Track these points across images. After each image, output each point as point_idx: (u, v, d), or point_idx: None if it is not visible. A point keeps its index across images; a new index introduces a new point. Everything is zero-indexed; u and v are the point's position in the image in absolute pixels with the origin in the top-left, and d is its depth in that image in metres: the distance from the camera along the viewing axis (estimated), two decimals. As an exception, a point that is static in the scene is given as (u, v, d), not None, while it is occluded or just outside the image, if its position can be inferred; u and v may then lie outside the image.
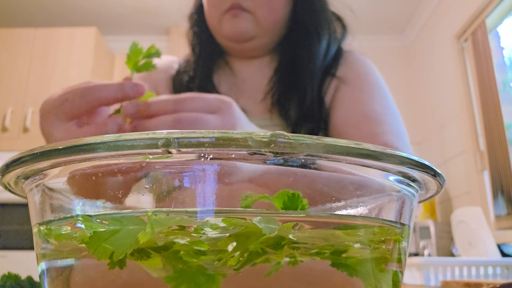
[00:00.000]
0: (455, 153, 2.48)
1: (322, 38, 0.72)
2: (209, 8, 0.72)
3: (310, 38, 0.71)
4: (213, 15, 0.71)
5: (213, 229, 0.19)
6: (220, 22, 0.70)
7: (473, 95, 2.36)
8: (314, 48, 0.71)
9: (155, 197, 0.21)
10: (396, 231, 0.23)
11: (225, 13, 0.69)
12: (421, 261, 1.43)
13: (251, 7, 0.68)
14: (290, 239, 0.20)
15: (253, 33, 0.70)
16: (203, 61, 0.75)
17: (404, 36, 3.17)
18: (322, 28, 0.72)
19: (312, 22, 0.72)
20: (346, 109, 0.68)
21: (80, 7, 3.01)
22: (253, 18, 0.69)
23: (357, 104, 0.68)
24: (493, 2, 2.13)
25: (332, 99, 0.70)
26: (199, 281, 0.19)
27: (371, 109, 0.67)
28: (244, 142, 0.19)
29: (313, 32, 0.72)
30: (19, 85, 2.75)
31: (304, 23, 0.72)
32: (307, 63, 0.70)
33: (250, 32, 0.69)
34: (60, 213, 0.23)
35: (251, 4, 0.68)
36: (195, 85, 0.72)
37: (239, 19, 0.68)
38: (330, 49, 0.73)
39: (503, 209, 2.05)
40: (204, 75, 0.74)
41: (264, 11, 0.69)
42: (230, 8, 0.68)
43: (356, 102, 0.68)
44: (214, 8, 0.70)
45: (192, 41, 0.79)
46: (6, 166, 0.22)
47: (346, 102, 0.69)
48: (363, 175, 0.22)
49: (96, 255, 0.19)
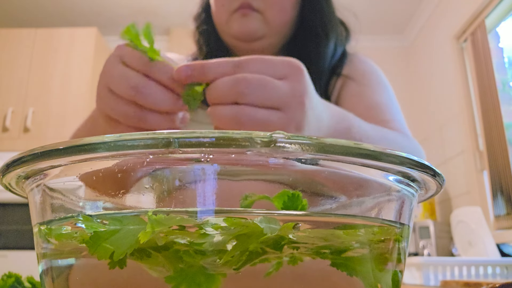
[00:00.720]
0: (454, 153, 2.48)
1: (330, 39, 0.72)
2: (217, 7, 0.72)
3: (318, 39, 0.72)
4: (222, 14, 0.71)
5: (214, 229, 0.19)
6: (229, 21, 0.70)
7: (473, 95, 2.36)
8: (322, 49, 0.71)
9: (155, 197, 0.21)
10: (395, 231, 0.23)
11: (234, 12, 0.69)
12: (421, 261, 1.43)
13: (261, 7, 0.68)
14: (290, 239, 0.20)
15: (262, 33, 0.70)
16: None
17: (404, 36, 3.17)
18: (330, 30, 0.73)
19: (321, 24, 0.73)
20: (352, 102, 0.69)
21: (80, 8, 3.01)
22: (263, 18, 0.69)
23: (363, 97, 0.69)
24: (493, 2, 2.13)
25: (338, 97, 0.71)
26: (199, 281, 0.19)
27: (376, 101, 0.69)
28: (244, 142, 0.19)
29: (321, 33, 0.72)
30: (19, 85, 2.75)
31: (313, 24, 0.73)
32: (315, 64, 0.70)
33: (259, 31, 0.69)
34: (60, 213, 0.23)
35: (261, 4, 0.68)
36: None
37: (248, 19, 0.68)
38: (336, 50, 0.74)
39: (502, 209, 2.05)
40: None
41: (274, 11, 0.69)
42: (239, 7, 0.68)
43: (361, 96, 0.70)
44: (223, 7, 0.70)
45: (198, 41, 0.79)
46: (6, 166, 0.22)
47: (352, 96, 0.70)
48: (363, 175, 0.22)
49: (96, 255, 0.19)
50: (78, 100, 2.71)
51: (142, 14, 3.03)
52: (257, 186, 0.23)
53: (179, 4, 2.87)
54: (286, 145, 0.19)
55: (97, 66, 2.85)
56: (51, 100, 2.71)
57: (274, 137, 0.19)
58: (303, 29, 0.74)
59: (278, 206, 0.23)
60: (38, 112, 2.69)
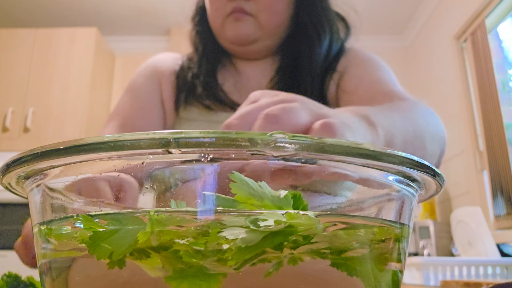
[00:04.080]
0: (454, 153, 2.48)
1: (322, 39, 0.72)
2: (211, 11, 0.72)
3: (311, 40, 0.72)
4: (216, 18, 0.71)
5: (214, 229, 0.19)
6: (223, 25, 0.70)
7: (473, 95, 2.36)
8: (314, 50, 0.71)
9: (155, 197, 0.21)
10: (395, 231, 0.23)
11: (228, 16, 0.69)
12: (421, 261, 1.43)
13: (254, 11, 0.68)
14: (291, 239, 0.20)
15: (256, 36, 0.70)
16: (207, 60, 0.76)
17: (403, 36, 3.17)
18: (323, 30, 0.73)
19: (313, 24, 0.73)
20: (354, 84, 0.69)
21: (80, 8, 3.01)
22: (256, 22, 0.69)
23: (364, 77, 0.70)
24: (493, 2, 2.13)
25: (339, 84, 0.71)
26: (199, 281, 0.19)
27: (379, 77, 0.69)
28: (244, 142, 0.19)
29: (313, 34, 0.72)
30: (19, 85, 2.75)
31: (305, 25, 0.73)
32: (308, 64, 0.70)
33: (253, 35, 0.70)
34: (60, 213, 0.23)
35: (253, 7, 0.68)
36: (199, 82, 0.72)
37: (241, 23, 0.68)
38: (331, 49, 0.74)
39: (502, 209, 2.05)
40: (208, 73, 0.74)
41: (267, 15, 0.69)
42: (232, 12, 0.68)
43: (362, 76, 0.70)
44: (216, 11, 0.70)
45: (195, 42, 0.79)
46: (6, 166, 0.22)
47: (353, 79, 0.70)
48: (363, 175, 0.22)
49: (95, 255, 0.19)
50: (78, 100, 2.71)
51: (142, 14, 3.03)
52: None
53: (179, 4, 2.86)
54: (286, 145, 0.19)
55: (97, 66, 2.85)
56: (51, 100, 2.71)
57: (274, 137, 0.19)
58: (297, 30, 0.74)
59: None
60: (38, 112, 2.69)
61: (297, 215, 0.19)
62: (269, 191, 0.22)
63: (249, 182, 0.21)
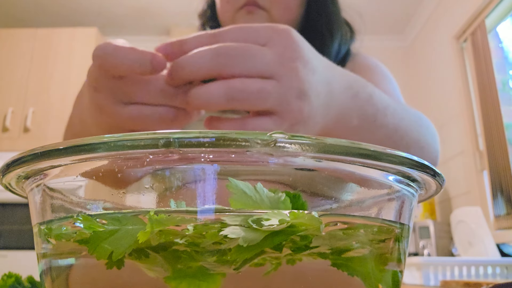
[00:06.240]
0: (454, 153, 2.48)
1: (335, 38, 0.72)
2: (222, 4, 0.71)
3: (323, 39, 0.72)
4: (227, 11, 0.70)
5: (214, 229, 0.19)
6: (234, 19, 0.69)
7: (473, 95, 2.36)
8: (327, 48, 0.71)
9: (155, 197, 0.21)
10: (395, 231, 0.23)
11: (240, 9, 0.68)
12: (421, 261, 1.43)
13: (267, 5, 0.67)
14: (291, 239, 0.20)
15: None
16: None
17: (403, 36, 3.17)
18: (335, 30, 0.73)
19: (326, 23, 0.73)
20: None
21: (80, 8, 3.01)
22: (268, 16, 0.68)
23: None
24: (493, 2, 2.13)
25: None
26: (198, 281, 0.19)
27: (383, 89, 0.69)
28: (244, 142, 0.19)
29: (326, 33, 0.72)
30: (19, 85, 2.75)
31: (318, 24, 0.73)
32: None
33: None
34: (60, 213, 0.23)
35: (266, 1, 0.67)
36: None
37: (254, 16, 0.68)
38: (340, 50, 0.74)
39: (502, 209, 2.05)
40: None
41: (280, 10, 0.68)
42: (245, 4, 0.68)
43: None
44: (228, 4, 0.70)
45: None
46: (6, 166, 0.22)
47: None
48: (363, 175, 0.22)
49: (95, 255, 0.19)
50: (78, 100, 2.71)
51: (142, 14, 3.03)
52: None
53: (179, 4, 2.87)
54: (286, 145, 0.19)
55: (97, 66, 2.84)
56: (51, 100, 2.71)
57: (274, 137, 0.19)
58: (308, 28, 0.73)
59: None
60: (38, 112, 2.69)
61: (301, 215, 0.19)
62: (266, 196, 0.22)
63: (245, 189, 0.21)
